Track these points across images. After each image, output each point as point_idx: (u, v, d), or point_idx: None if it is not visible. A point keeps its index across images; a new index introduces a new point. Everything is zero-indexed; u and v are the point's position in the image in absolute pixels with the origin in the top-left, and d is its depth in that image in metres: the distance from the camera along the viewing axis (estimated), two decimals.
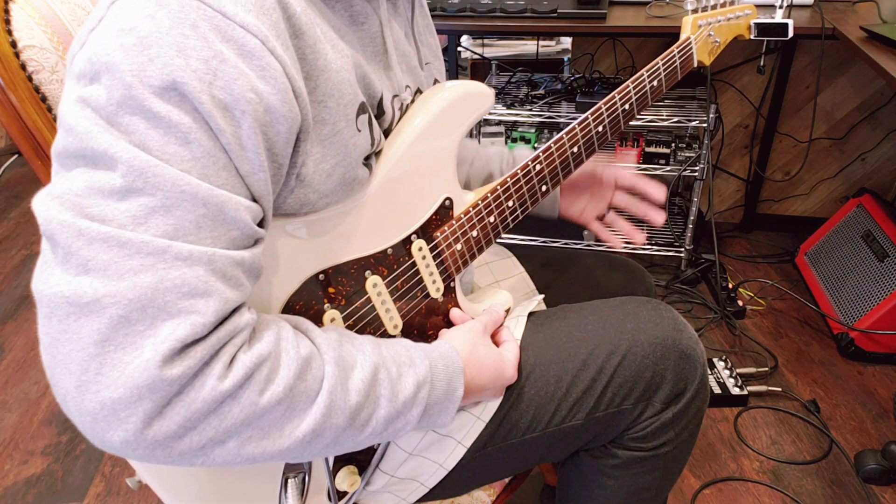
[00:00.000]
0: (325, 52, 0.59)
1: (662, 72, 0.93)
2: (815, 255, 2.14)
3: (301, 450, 0.56)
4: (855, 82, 2.14)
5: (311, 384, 0.56)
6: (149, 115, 0.48)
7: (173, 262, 0.48)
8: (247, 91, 0.51)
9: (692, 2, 0.98)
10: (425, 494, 0.82)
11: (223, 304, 0.51)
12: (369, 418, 0.60)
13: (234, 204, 0.52)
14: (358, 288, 0.71)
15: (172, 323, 0.48)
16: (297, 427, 0.55)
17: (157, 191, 0.48)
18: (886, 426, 1.61)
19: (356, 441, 0.61)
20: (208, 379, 0.49)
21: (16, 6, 0.70)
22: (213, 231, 0.51)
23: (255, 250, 0.55)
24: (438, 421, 0.68)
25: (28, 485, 1.53)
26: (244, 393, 0.51)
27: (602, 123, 0.89)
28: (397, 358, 0.64)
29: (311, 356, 0.57)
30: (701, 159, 1.99)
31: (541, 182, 0.85)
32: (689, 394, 0.81)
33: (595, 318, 0.84)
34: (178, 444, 0.49)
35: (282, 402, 0.53)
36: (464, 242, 0.80)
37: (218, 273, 0.51)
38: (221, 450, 0.52)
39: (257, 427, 0.53)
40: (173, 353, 0.47)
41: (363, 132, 0.66)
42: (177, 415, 0.48)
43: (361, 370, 0.60)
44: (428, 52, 0.85)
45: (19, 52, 0.69)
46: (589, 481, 0.87)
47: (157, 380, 0.47)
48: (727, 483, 1.48)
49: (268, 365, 0.53)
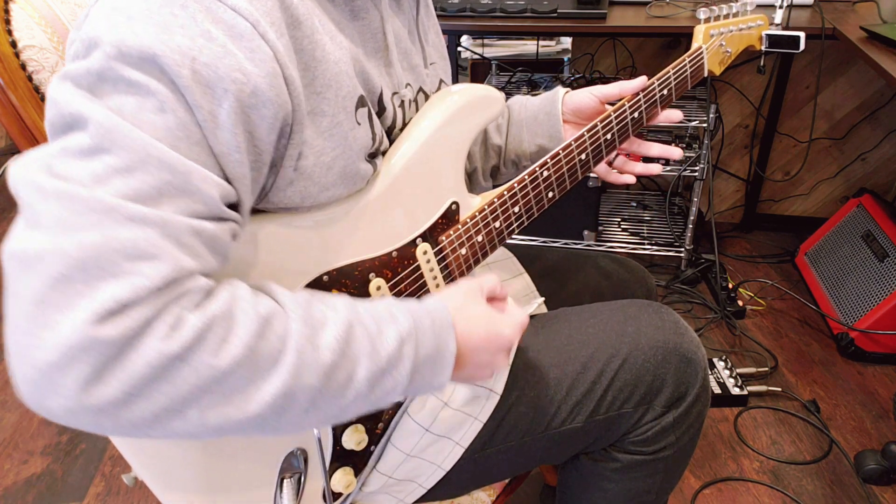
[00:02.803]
0: (324, 43, 0.59)
1: (673, 81, 0.92)
2: (815, 255, 2.14)
3: (276, 417, 0.51)
4: (855, 82, 2.14)
5: (273, 343, 0.51)
6: (126, 82, 0.49)
7: (124, 223, 0.46)
8: (232, 70, 0.51)
9: (705, 11, 0.97)
10: (424, 495, 0.82)
11: (174, 271, 0.47)
12: (349, 378, 0.54)
13: (202, 175, 0.50)
14: (361, 291, 0.71)
15: (113, 283, 0.45)
16: (263, 390, 0.50)
17: (122, 151, 0.47)
18: (886, 426, 1.61)
19: (340, 406, 0.55)
20: (150, 340, 0.45)
21: (16, 6, 0.70)
22: (175, 199, 0.49)
23: (220, 225, 0.52)
24: (434, 381, 0.61)
25: (28, 484, 1.53)
26: (196, 356, 0.47)
27: (611, 131, 0.88)
28: (376, 314, 0.58)
29: (273, 314, 0.52)
30: (701, 159, 1.98)
31: (547, 188, 0.85)
32: (690, 398, 0.81)
33: (596, 321, 0.83)
34: (125, 413, 0.46)
35: (242, 363, 0.49)
36: (469, 247, 0.80)
37: (172, 238, 0.48)
38: (181, 420, 0.48)
39: (218, 393, 0.48)
40: (109, 313, 0.44)
41: (363, 126, 0.65)
42: (117, 379, 0.45)
43: (334, 327, 0.54)
44: (433, 52, 0.85)
45: (19, 52, 0.69)
46: (589, 484, 0.87)
47: (90, 340, 0.43)
48: (727, 483, 1.48)
49: (221, 325, 0.49)
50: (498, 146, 0.98)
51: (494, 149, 0.99)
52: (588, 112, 0.92)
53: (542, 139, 0.95)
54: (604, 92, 0.90)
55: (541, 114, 0.95)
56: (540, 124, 0.95)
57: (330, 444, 0.73)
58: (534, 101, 0.96)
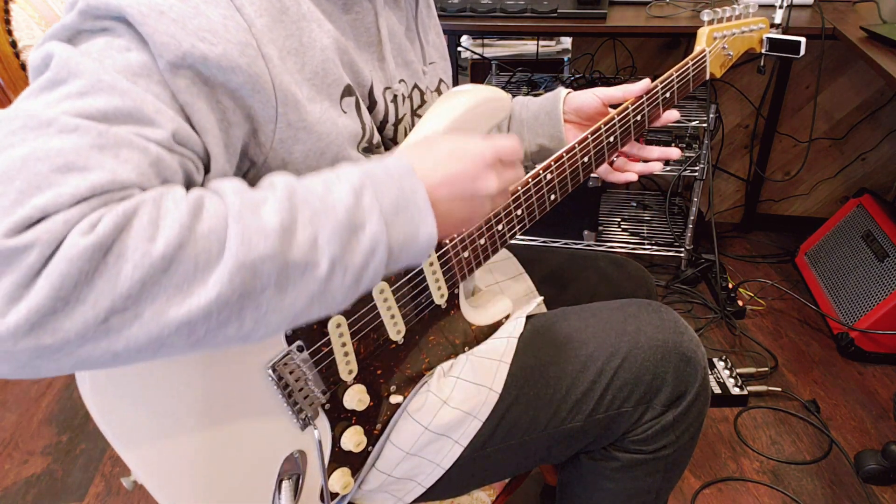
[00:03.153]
0: (311, 30, 0.61)
1: (676, 84, 0.92)
2: (815, 255, 2.14)
3: (243, 299, 0.46)
4: (855, 82, 2.14)
5: (212, 221, 0.46)
6: (98, 29, 0.51)
7: (55, 134, 0.44)
8: (201, 30, 0.51)
9: (709, 13, 0.97)
10: (423, 494, 0.82)
11: (107, 182, 0.45)
12: (313, 242, 0.49)
13: (155, 107, 0.49)
14: (365, 294, 0.71)
15: (38, 195, 0.42)
16: (216, 270, 0.45)
17: (76, 79, 0.48)
18: (886, 426, 1.61)
19: (319, 277, 0.49)
20: (70, 237, 0.42)
21: (16, 6, 0.70)
22: (121, 123, 0.47)
23: (170, 154, 0.50)
24: (421, 231, 0.54)
25: (28, 484, 1.53)
26: (127, 244, 0.43)
27: (614, 133, 0.88)
28: (319, 179, 0.53)
29: (203, 197, 0.48)
30: (701, 159, 1.98)
31: (550, 191, 0.85)
32: (689, 397, 0.81)
33: (595, 320, 0.83)
34: (66, 323, 0.42)
35: (183, 244, 0.44)
36: (471, 250, 0.80)
37: (108, 150, 0.46)
38: (139, 325, 0.43)
39: (168, 283, 0.44)
40: (29, 221, 0.41)
41: (349, 114, 0.66)
42: (43, 285, 0.41)
43: (273, 197, 0.49)
44: (433, 52, 0.85)
45: (19, 52, 0.69)
46: (589, 484, 0.87)
47: (5, 248, 0.40)
48: (727, 483, 1.48)
49: (146, 210, 0.45)
50: None
51: None
52: (590, 113, 0.92)
53: (543, 139, 0.95)
54: (607, 94, 0.90)
55: (542, 113, 0.95)
56: (541, 124, 0.95)
57: (329, 445, 0.73)
58: (535, 100, 0.96)
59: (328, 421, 0.72)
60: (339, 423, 0.73)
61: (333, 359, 0.70)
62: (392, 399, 0.77)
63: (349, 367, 0.72)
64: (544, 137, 0.95)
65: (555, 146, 0.93)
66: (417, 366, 0.80)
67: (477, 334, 0.85)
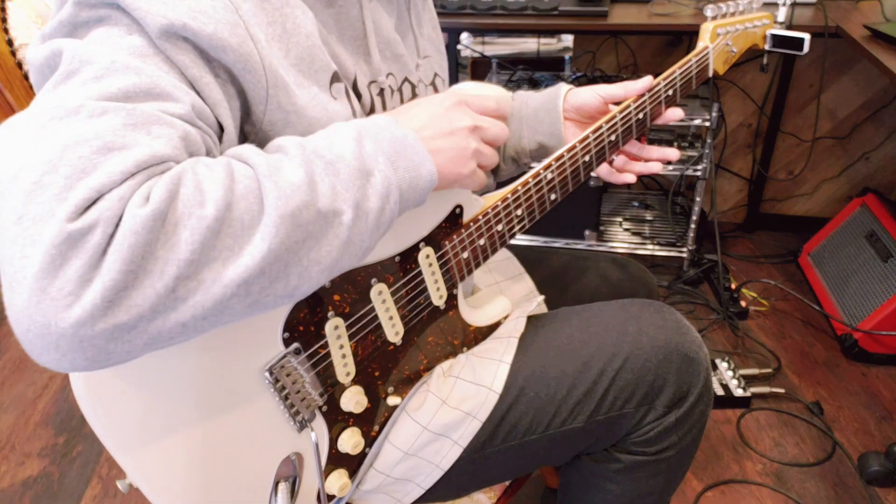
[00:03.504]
0: (294, 16, 0.62)
1: (679, 81, 0.91)
2: (818, 255, 2.13)
3: (288, 252, 0.49)
4: (858, 81, 2.13)
5: (246, 182, 0.49)
6: (95, 20, 0.52)
7: (87, 119, 0.45)
8: (192, 10, 0.52)
9: (712, 8, 0.95)
10: (423, 496, 0.81)
11: (148, 157, 0.46)
12: (334, 189, 0.53)
13: (171, 82, 0.51)
14: (363, 296, 0.70)
15: (86, 179, 0.43)
16: (261, 226, 0.48)
17: (90, 66, 0.48)
18: (890, 428, 1.60)
19: (343, 222, 0.53)
20: (129, 210, 0.44)
21: (13, 4, 0.70)
22: (143, 99, 0.49)
23: (193, 128, 0.52)
24: (422, 170, 0.61)
25: (24, 487, 1.53)
26: (182, 211, 0.45)
27: (615, 132, 0.87)
28: (319, 135, 0.58)
29: (229, 161, 0.51)
30: (703, 158, 1.97)
31: (550, 190, 0.84)
32: (692, 398, 0.80)
33: (597, 320, 0.83)
34: (138, 297, 0.43)
35: (230, 205, 0.47)
36: (471, 251, 0.80)
37: (141, 128, 0.47)
38: (202, 289, 0.45)
39: (222, 245, 0.46)
40: (87, 203, 0.43)
41: (340, 100, 0.66)
42: (113, 260, 0.42)
43: (289, 158, 0.53)
44: (428, 45, 0.84)
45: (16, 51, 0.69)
46: (591, 485, 0.87)
47: (69, 235, 0.41)
48: (730, 485, 1.47)
49: (189, 178, 0.47)
50: None
51: None
52: (591, 111, 0.91)
53: (543, 136, 0.94)
54: (609, 92, 0.89)
55: (541, 111, 0.94)
56: (540, 122, 0.94)
57: (326, 447, 0.72)
58: (536, 97, 0.95)
59: (325, 423, 0.71)
60: (337, 426, 0.73)
61: (331, 361, 0.69)
62: (390, 401, 0.77)
63: (347, 370, 0.71)
64: (544, 135, 0.94)
65: (554, 144, 0.92)
66: (416, 367, 0.79)
67: (475, 335, 0.85)
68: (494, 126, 0.70)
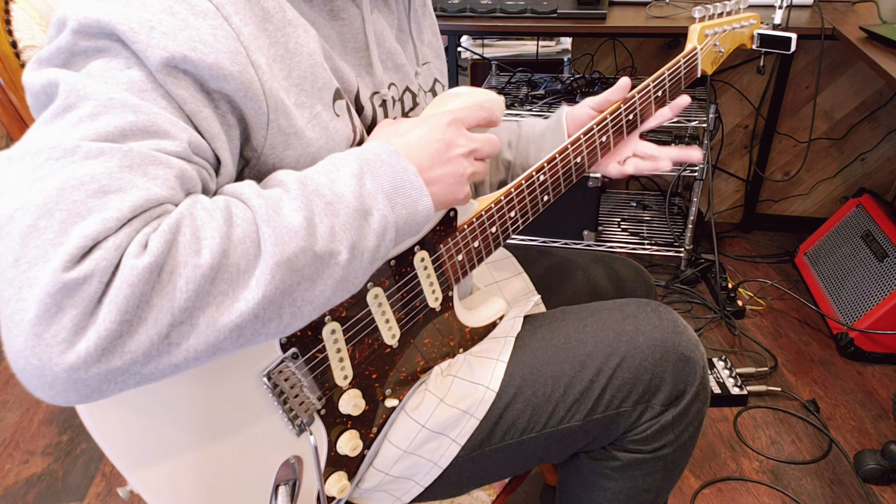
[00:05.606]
0: (297, 36, 0.61)
1: (668, 82, 0.93)
2: (814, 255, 2.14)
3: (283, 296, 0.50)
4: (854, 82, 2.14)
5: (244, 226, 0.49)
6: (93, 50, 0.51)
7: (82, 161, 0.45)
8: (192, 41, 0.52)
9: (700, 10, 0.97)
10: (422, 494, 0.82)
11: (144, 200, 0.46)
12: (332, 231, 0.53)
13: (169, 119, 0.50)
14: (359, 300, 0.70)
15: (81, 224, 0.43)
16: (257, 271, 0.48)
17: (87, 102, 0.48)
18: (886, 426, 1.61)
19: (339, 263, 0.53)
20: (125, 261, 0.44)
21: (16, 6, 0.70)
22: (139, 138, 0.48)
23: (190, 165, 0.52)
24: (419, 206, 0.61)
25: (28, 484, 1.53)
26: (178, 260, 0.45)
27: (606, 133, 0.89)
28: (320, 170, 0.57)
29: (228, 203, 0.51)
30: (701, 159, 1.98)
31: (543, 192, 0.85)
32: (688, 396, 0.81)
33: (594, 319, 0.84)
34: (132, 344, 0.43)
35: (226, 252, 0.47)
36: (465, 253, 0.80)
37: (137, 169, 0.47)
38: (196, 336, 0.46)
39: (217, 291, 0.47)
40: (83, 252, 0.43)
41: (342, 118, 0.66)
42: (106, 309, 0.42)
43: (290, 198, 0.53)
44: (428, 52, 0.85)
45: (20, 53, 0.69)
46: (589, 483, 0.87)
47: (65, 284, 0.41)
48: (727, 483, 1.48)
49: (187, 225, 0.47)
50: (508, 161, 0.99)
51: (504, 163, 1.00)
52: (585, 121, 0.94)
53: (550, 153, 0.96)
54: (595, 101, 0.92)
55: (547, 131, 0.96)
56: (546, 140, 0.96)
57: (325, 450, 0.73)
58: (542, 121, 0.99)
59: (324, 426, 0.72)
60: (335, 428, 0.73)
61: (328, 365, 0.69)
62: (387, 402, 0.77)
63: (344, 373, 0.71)
64: (549, 152, 0.96)
65: None
66: (413, 369, 0.79)
67: (472, 336, 0.85)
68: (487, 145, 0.71)
